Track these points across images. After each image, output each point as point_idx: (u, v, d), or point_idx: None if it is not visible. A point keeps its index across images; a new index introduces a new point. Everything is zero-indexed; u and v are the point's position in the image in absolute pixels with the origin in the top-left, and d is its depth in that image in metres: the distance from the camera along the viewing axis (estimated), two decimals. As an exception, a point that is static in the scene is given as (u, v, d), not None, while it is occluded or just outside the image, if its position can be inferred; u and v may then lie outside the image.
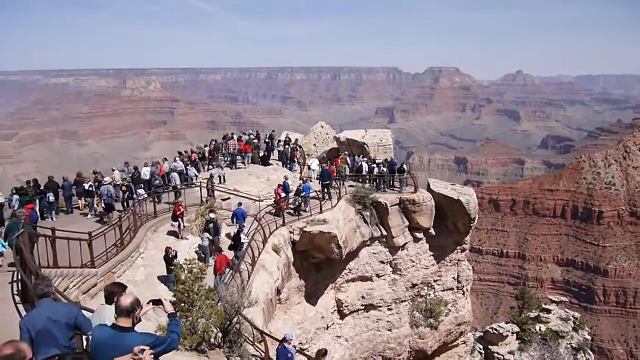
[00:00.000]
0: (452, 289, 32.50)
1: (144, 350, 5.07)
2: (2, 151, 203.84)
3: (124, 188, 24.43)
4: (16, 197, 21.10)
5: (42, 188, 22.50)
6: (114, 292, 6.56)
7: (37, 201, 21.72)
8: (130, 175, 26.65)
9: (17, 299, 11.14)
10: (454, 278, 32.44)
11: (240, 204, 24.45)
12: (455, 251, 32.32)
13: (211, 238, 21.05)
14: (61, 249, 14.75)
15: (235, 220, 23.25)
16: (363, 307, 29.79)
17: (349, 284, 29.40)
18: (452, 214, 30.57)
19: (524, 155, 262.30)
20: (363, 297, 29.64)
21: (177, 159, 29.41)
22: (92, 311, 7.81)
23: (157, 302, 6.08)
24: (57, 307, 6.67)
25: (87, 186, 23.53)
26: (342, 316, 29.30)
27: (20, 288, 11.54)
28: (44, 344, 6.06)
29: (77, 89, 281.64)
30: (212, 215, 21.85)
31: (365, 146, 35.71)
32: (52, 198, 21.68)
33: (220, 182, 28.62)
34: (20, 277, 11.48)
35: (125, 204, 23.65)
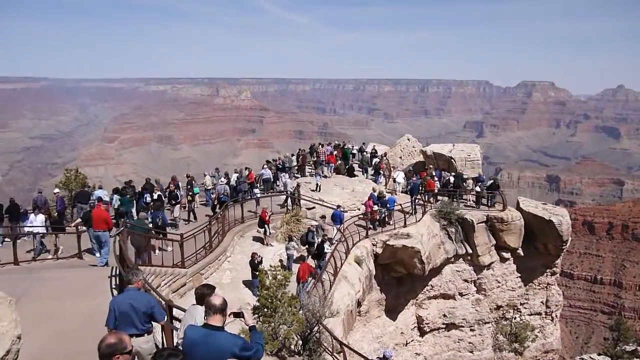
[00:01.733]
0: (539, 314, 31.00)
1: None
2: (105, 153, 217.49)
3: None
4: (116, 196, 22.58)
5: (139, 189, 23.82)
6: (204, 294, 6.80)
7: (135, 201, 23.06)
8: (220, 180, 27.66)
9: (115, 292, 11.82)
10: (542, 302, 30.93)
11: (338, 206, 25.15)
12: (545, 274, 30.82)
13: (296, 247, 21.31)
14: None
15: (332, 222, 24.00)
16: (444, 326, 29.07)
17: (430, 300, 28.82)
18: (542, 235, 29.22)
19: (623, 175, 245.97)
20: (444, 315, 28.94)
21: (265, 166, 30.19)
22: (184, 310, 8.14)
23: (238, 315, 6.24)
24: (139, 295, 7.62)
25: (155, 195, 22.83)
26: (422, 333, 28.74)
27: (117, 282, 12.26)
28: (123, 323, 7.23)
29: (174, 96, 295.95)
30: (314, 223, 22.10)
31: (452, 160, 34.97)
32: (148, 199, 22.83)
33: (317, 190, 29.23)
34: (118, 272, 12.21)
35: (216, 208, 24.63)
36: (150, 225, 19.23)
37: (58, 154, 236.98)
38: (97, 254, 16.17)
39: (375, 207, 26.06)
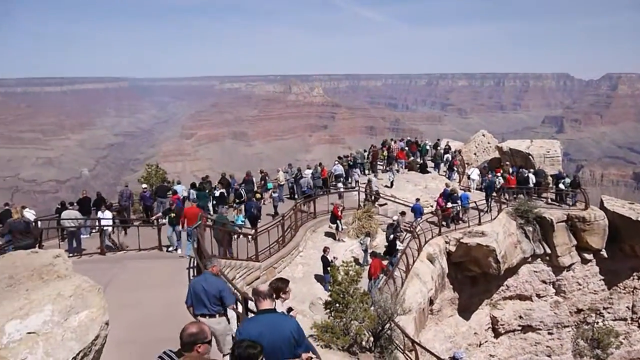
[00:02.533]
0: (624, 319, 29.36)
1: (311, 357, 5.40)
2: (182, 149, 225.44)
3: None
4: (192, 191, 23.48)
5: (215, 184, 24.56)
6: (279, 287, 6.87)
7: (211, 196, 23.82)
8: (293, 176, 28.07)
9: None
10: (627, 307, 29.26)
11: (417, 199, 25.40)
12: (631, 277, 29.13)
13: (369, 242, 21.24)
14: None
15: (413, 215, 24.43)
16: (520, 328, 28.10)
17: (505, 301, 27.95)
18: (628, 236, 27.62)
19: None
20: (520, 317, 27.97)
21: (337, 162, 30.32)
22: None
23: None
24: (212, 279, 8.35)
25: (217, 193, 23.67)
26: (497, 334, 27.92)
27: (195, 274, 12.71)
28: (198, 303, 8.13)
29: (247, 94, 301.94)
30: (394, 218, 22.06)
31: (530, 157, 33.66)
32: (217, 193, 23.50)
33: (390, 186, 29.16)
34: (196, 263, 12.66)
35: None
36: (242, 218, 21.26)
37: (139, 150, 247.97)
38: (179, 250, 16.92)
39: (449, 204, 25.58)
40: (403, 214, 23.37)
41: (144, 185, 23.31)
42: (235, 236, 17.64)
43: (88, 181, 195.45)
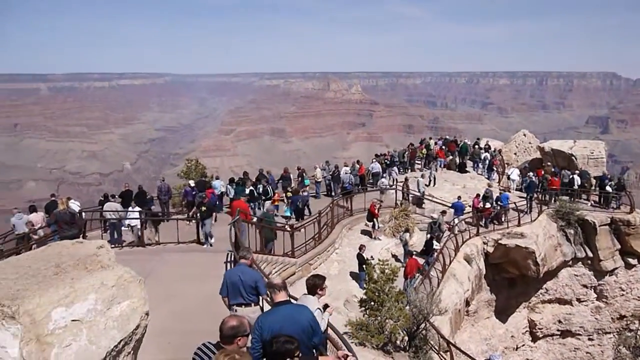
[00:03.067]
0: (669, 327, 28.37)
1: (347, 355, 5.49)
2: (222, 144, 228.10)
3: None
4: (228, 186, 23.89)
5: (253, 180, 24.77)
6: (316, 284, 7.00)
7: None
8: (330, 174, 28.11)
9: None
10: (673, 315, 28.29)
11: (459, 197, 25.29)
12: (677, 284, 28.14)
13: (408, 237, 21.10)
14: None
15: (454, 212, 24.39)
16: (559, 332, 27.49)
17: (544, 304, 27.37)
18: (677, 242, 26.70)
19: None
20: (559, 322, 27.35)
21: (374, 160, 30.22)
22: (295, 298, 8.38)
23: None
24: (247, 270, 8.62)
25: (247, 190, 23.29)
26: (534, 338, 27.38)
27: (232, 267, 12.88)
28: (233, 292, 8.39)
29: (286, 90, 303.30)
30: (435, 216, 21.91)
31: (573, 158, 32.84)
32: (261, 189, 23.71)
33: (430, 185, 29.01)
34: (233, 257, 12.84)
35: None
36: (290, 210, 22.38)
37: (179, 145, 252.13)
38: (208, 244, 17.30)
39: (487, 204, 25.20)
40: (444, 213, 23.14)
41: (191, 182, 23.40)
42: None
43: (130, 174, 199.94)
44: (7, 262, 6.11)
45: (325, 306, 7.35)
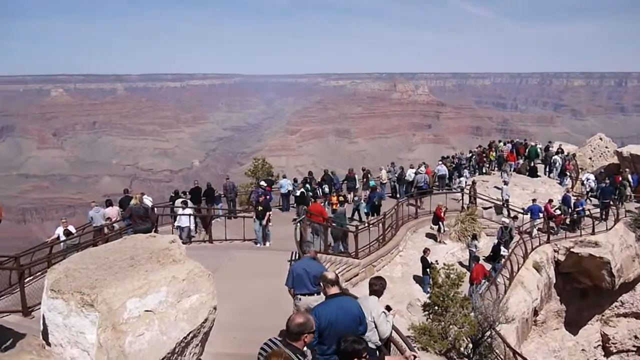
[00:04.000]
0: None
1: (415, 356, 5.50)
2: (287, 144, 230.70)
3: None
4: (294, 185, 24.24)
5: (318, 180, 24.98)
6: (384, 286, 7.27)
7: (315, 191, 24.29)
8: (395, 175, 27.88)
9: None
10: None
11: (534, 200, 24.52)
12: None
13: (477, 246, 20.59)
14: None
15: (530, 215, 23.95)
16: (635, 349, 25.97)
17: (619, 318, 25.97)
18: None
19: None
20: (636, 337, 25.85)
21: (440, 162, 29.75)
22: (355, 297, 8.39)
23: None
24: (311, 263, 9.09)
25: (297, 192, 23.24)
26: (607, 353, 26.02)
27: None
28: (299, 284, 8.78)
29: (352, 91, 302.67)
30: (506, 221, 21.38)
31: (655, 164, 31.02)
32: (326, 189, 23.86)
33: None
34: (298, 256, 13.00)
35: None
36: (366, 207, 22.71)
37: (246, 144, 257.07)
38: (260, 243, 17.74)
39: (558, 211, 24.26)
40: (515, 218, 22.46)
41: (263, 182, 23.20)
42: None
43: (198, 172, 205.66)
44: (86, 253, 6.43)
45: (388, 307, 7.39)
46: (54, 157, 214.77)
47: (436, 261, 17.96)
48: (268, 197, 19.71)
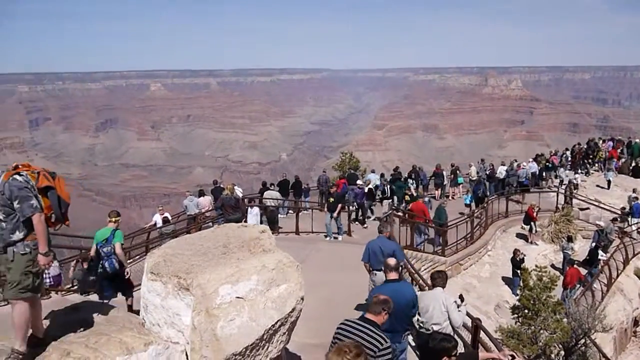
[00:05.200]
0: None
1: (514, 356, 5.48)
2: (374, 139, 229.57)
3: None
4: (375, 178, 24.28)
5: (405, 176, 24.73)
6: (437, 278, 7.82)
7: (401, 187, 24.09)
8: (485, 172, 27.07)
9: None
10: None
11: (636, 198, 22.85)
12: None
13: (573, 248, 19.62)
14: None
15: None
16: None
17: None
18: None
19: None
20: None
21: (531, 159, 28.55)
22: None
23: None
24: (386, 242, 10.17)
25: (365, 189, 21.94)
26: None
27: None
28: (374, 260, 9.78)
29: (441, 86, 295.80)
30: (602, 224, 20.32)
31: None
32: (413, 185, 23.62)
33: (608, 187, 26.91)
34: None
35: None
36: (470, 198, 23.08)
37: (333, 139, 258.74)
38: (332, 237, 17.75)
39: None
40: (615, 220, 21.15)
41: (359, 182, 22.66)
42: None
43: (285, 165, 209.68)
44: (182, 240, 6.76)
45: (461, 298, 7.84)
46: (152, 148, 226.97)
47: (522, 259, 17.30)
48: (338, 190, 19.49)
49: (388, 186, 24.04)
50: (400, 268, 7.77)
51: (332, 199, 17.77)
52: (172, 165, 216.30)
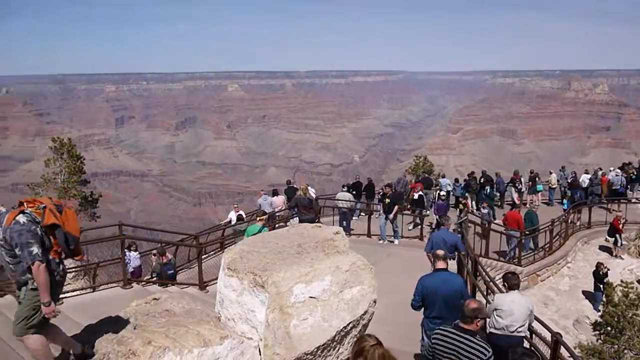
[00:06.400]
0: None
1: None
2: (448, 143, 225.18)
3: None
4: (448, 183, 23.79)
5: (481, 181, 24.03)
6: (512, 279, 7.77)
7: (475, 194, 23.52)
8: (567, 180, 25.88)
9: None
10: None
11: None
12: None
13: None
14: (493, 240, 15.57)
15: None
16: None
17: None
18: None
19: None
20: None
21: (617, 169, 26.98)
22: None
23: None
24: (448, 233, 11.37)
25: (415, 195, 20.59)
26: None
27: (456, 269, 12.74)
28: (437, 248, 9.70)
29: (521, 89, 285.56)
30: None
31: None
32: (489, 190, 22.94)
33: None
34: (458, 259, 12.73)
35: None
36: None
37: (406, 142, 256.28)
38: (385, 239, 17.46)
39: None
40: None
41: (442, 193, 21.79)
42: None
43: (357, 167, 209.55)
44: (258, 237, 6.90)
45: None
46: (227, 147, 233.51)
47: (606, 273, 16.38)
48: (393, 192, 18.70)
49: (462, 191, 23.55)
50: (447, 259, 8.13)
51: (387, 200, 16.95)
52: (247, 165, 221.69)
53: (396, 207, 16.98)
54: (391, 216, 16.92)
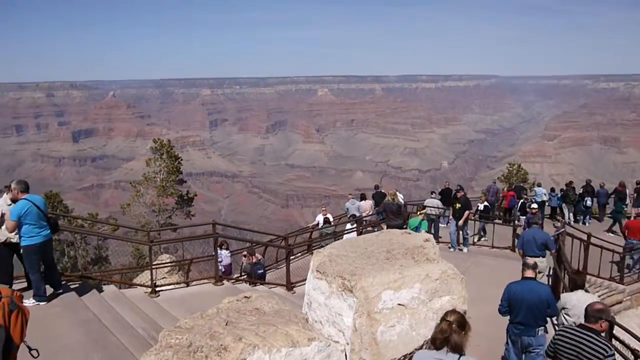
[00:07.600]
0: None
1: None
2: (543, 150, 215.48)
3: None
4: (542, 191, 22.80)
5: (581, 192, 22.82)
6: (577, 279, 8.26)
7: (573, 205, 22.33)
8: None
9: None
10: None
11: None
12: None
13: None
14: (593, 256, 14.69)
15: None
16: None
17: None
18: None
19: None
20: None
21: None
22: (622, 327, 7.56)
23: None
24: (538, 232, 11.75)
25: (481, 206, 19.73)
26: None
27: (549, 282, 12.21)
28: (528, 247, 11.46)
29: (626, 95, 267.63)
30: None
31: None
32: (589, 202, 21.72)
33: None
34: (551, 272, 12.27)
35: None
36: None
37: (498, 148, 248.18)
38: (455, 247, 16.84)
39: None
40: None
41: (534, 206, 21.71)
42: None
43: (446, 173, 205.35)
44: (347, 242, 6.93)
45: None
46: (316, 150, 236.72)
47: None
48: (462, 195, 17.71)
49: (559, 202, 22.48)
50: (537, 268, 8.10)
51: (458, 205, 16.14)
52: (334, 168, 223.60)
53: (467, 212, 16.24)
54: (461, 222, 16.17)
